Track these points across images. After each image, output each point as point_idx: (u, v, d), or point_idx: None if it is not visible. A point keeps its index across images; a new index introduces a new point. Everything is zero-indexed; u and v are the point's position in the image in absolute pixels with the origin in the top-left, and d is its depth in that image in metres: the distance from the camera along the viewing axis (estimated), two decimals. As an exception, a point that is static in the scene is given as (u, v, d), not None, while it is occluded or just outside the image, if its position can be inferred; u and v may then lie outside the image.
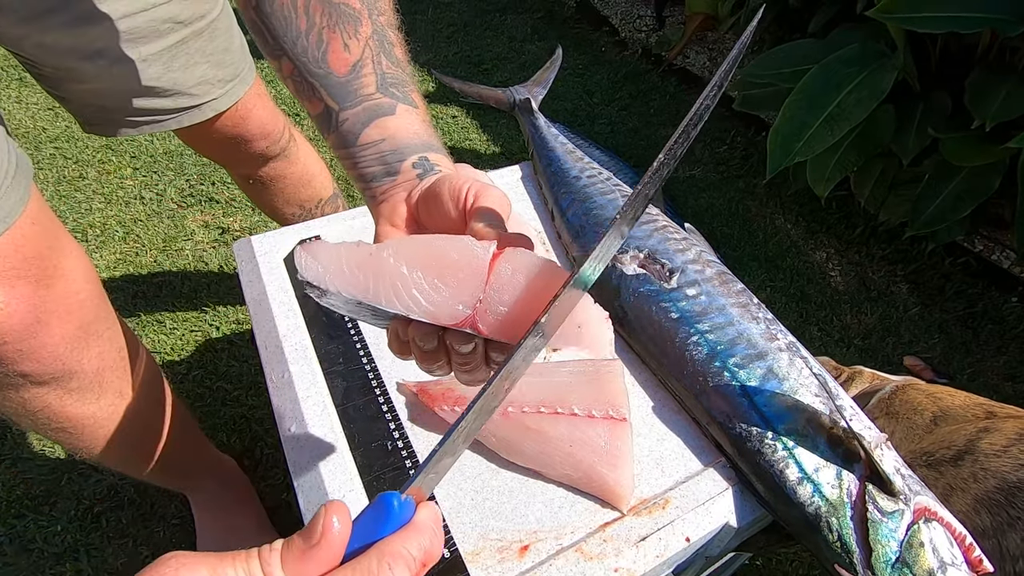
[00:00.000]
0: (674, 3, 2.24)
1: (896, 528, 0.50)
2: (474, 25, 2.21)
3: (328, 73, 0.41)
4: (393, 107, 0.41)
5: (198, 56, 0.73)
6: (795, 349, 0.61)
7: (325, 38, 0.41)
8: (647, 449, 0.59)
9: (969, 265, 1.35)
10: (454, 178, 0.36)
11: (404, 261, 0.32)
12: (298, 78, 0.42)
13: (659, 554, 0.52)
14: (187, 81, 0.73)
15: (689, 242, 0.71)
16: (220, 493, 0.93)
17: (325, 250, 0.33)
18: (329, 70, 0.41)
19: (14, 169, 0.52)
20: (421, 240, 0.33)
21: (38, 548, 0.94)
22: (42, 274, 0.55)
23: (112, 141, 1.67)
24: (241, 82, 0.81)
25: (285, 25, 0.41)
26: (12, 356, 0.55)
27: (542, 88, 1.18)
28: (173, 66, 0.71)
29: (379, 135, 0.40)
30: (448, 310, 0.32)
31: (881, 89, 1.22)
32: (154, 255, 1.39)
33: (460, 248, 0.32)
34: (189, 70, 0.73)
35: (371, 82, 0.41)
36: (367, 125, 0.41)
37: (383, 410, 0.61)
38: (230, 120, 0.83)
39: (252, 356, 1.18)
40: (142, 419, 0.73)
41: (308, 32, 0.41)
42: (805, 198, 1.51)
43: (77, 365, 0.61)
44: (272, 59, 0.43)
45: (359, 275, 0.32)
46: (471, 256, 0.32)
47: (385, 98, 0.41)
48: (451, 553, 0.51)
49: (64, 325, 0.58)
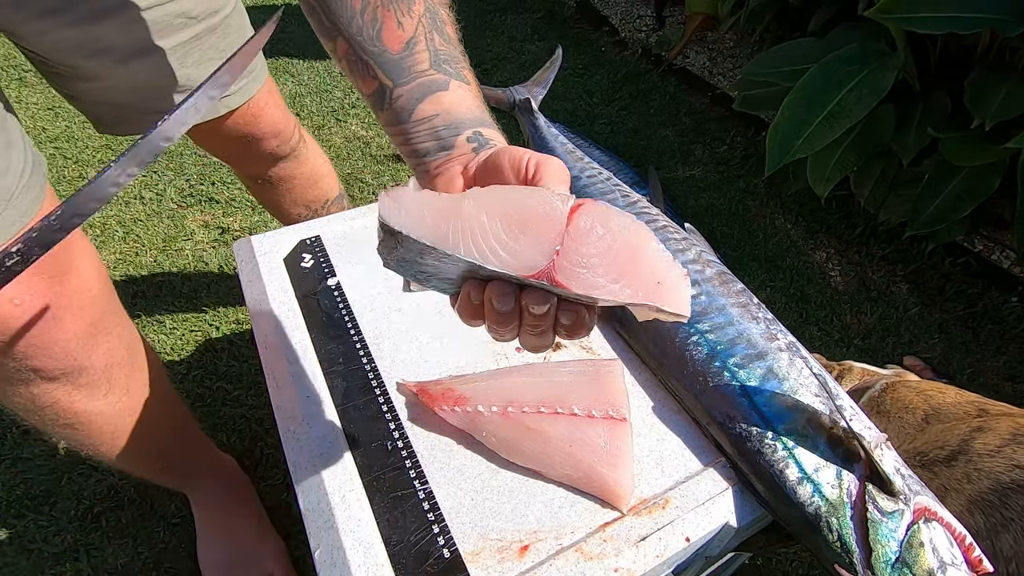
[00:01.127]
0: (674, 3, 2.24)
1: (896, 528, 0.50)
2: (474, 25, 2.21)
3: (383, 51, 0.41)
4: (447, 83, 0.42)
5: (211, 52, 0.73)
6: (795, 349, 0.61)
7: (379, 16, 0.41)
8: (647, 449, 0.59)
9: (969, 265, 1.35)
10: (514, 150, 0.37)
11: (484, 209, 0.32)
12: (353, 57, 0.42)
13: (659, 554, 0.52)
14: (200, 77, 0.73)
15: (689, 242, 0.71)
16: (220, 493, 0.93)
17: (408, 196, 0.32)
18: (384, 47, 0.41)
19: (30, 168, 0.53)
20: (500, 190, 0.33)
21: (38, 548, 0.94)
22: (56, 270, 0.56)
23: (112, 141, 1.67)
24: (254, 80, 0.81)
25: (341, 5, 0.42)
26: (25, 351, 0.55)
27: (542, 88, 1.18)
28: (186, 62, 0.71)
29: (433, 110, 0.41)
30: (526, 260, 0.32)
31: (881, 88, 1.22)
32: (154, 255, 1.39)
33: (539, 199, 0.32)
34: (203, 66, 0.72)
35: (425, 59, 0.42)
36: (421, 100, 0.41)
37: (383, 410, 0.61)
38: (242, 118, 0.83)
39: (252, 356, 1.18)
40: (146, 416, 0.73)
41: (363, 11, 0.41)
42: (805, 198, 1.51)
43: (87, 361, 0.62)
44: (327, 40, 0.44)
45: (440, 222, 0.32)
46: (550, 207, 0.32)
47: (439, 74, 0.42)
48: (451, 553, 0.51)
49: (76, 321, 0.59)
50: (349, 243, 0.78)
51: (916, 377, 0.82)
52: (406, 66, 0.41)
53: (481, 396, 0.58)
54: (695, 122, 1.77)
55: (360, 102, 1.85)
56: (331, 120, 1.80)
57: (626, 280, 0.32)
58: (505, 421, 0.56)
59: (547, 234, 0.32)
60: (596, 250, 0.32)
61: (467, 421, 0.58)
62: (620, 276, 0.32)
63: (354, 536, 0.52)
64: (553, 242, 0.32)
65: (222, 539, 0.91)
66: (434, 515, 0.53)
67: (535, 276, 0.32)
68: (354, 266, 0.75)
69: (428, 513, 0.54)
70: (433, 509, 0.54)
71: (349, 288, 0.73)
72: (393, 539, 0.52)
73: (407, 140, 0.41)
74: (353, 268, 0.75)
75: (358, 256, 0.77)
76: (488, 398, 0.58)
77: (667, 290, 0.33)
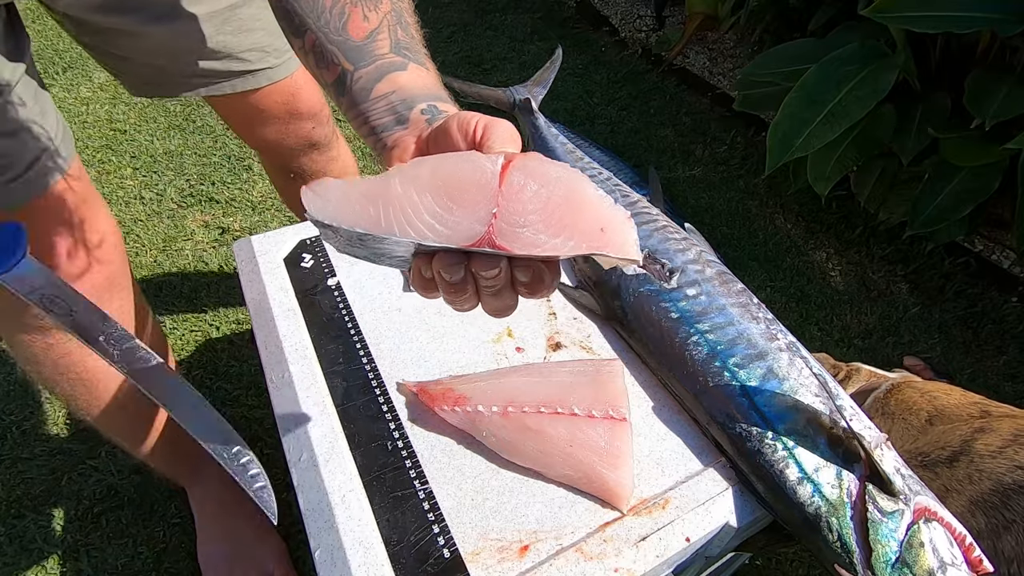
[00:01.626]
0: (674, 3, 2.24)
1: (896, 528, 0.50)
2: (474, 25, 2.21)
3: (346, 39, 0.43)
4: (405, 64, 0.43)
5: (251, 23, 0.74)
6: (795, 349, 0.61)
7: (347, 11, 0.44)
8: (647, 449, 0.59)
9: (969, 265, 1.35)
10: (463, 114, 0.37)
11: (412, 186, 0.31)
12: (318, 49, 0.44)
13: (659, 554, 0.52)
14: (239, 46, 0.74)
15: (689, 242, 0.71)
16: (221, 490, 0.93)
17: (331, 186, 0.32)
18: (348, 36, 0.43)
19: (62, 132, 0.61)
20: (427, 161, 0.32)
21: (38, 548, 0.94)
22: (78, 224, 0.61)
23: (112, 141, 1.67)
24: (294, 57, 0.82)
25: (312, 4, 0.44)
26: None
27: (542, 88, 1.18)
28: (225, 29, 0.72)
29: (390, 88, 0.42)
30: (464, 230, 0.31)
31: (882, 88, 1.22)
32: (154, 255, 1.39)
33: (467, 164, 0.31)
34: (242, 35, 0.74)
35: (385, 45, 0.44)
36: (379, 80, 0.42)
37: (383, 410, 0.61)
38: (280, 95, 0.83)
39: (252, 356, 1.18)
40: None
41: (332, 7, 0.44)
42: (805, 198, 1.51)
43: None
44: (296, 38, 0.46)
45: (368, 207, 0.31)
46: (479, 170, 0.31)
47: (398, 57, 0.43)
48: (451, 553, 0.51)
49: (95, 273, 0.63)
50: (349, 243, 0.78)
51: (921, 381, 0.82)
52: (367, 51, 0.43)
53: (481, 396, 0.58)
54: (695, 122, 1.77)
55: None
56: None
57: (567, 232, 0.31)
58: (505, 421, 0.56)
59: (480, 199, 0.31)
60: (533, 206, 0.31)
61: (467, 421, 0.58)
62: (561, 229, 0.31)
63: (354, 536, 0.52)
64: (488, 206, 0.30)
65: (222, 539, 0.91)
66: (434, 515, 0.53)
67: (476, 244, 0.31)
68: (354, 266, 0.75)
69: (428, 513, 0.54)
70: (433, 509, 0.54)
71: (349, 288, 0.73)
72: (393, 539, 0.52)
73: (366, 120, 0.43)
74: (353, 268, 0.75)
75: (358, 256, 0.77)
76: (488, 398, 0.58)
77: (612, 235, 0.31)
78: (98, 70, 1.93)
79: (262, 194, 1.53)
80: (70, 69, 1.95)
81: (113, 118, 1.76)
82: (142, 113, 1.79)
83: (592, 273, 0.72)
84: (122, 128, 1.73)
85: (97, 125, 1.73)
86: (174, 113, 1.78)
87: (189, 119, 1.76)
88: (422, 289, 0.36)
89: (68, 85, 1.87)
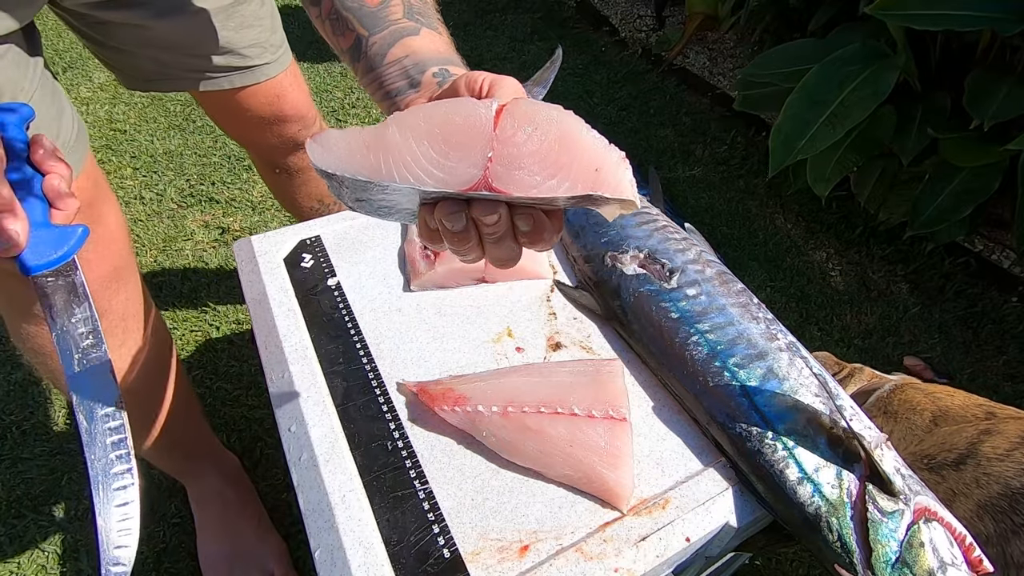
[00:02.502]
0: (674, 3, 2.24)
1: (896, 528, 0.50)
2: (474, 25, 2.21)
3: (361, 5, 0.45)
4: (417, 29, 0.44)
5: (251, 19, 0.75)
6: (795, 349, 0.61)
7: None
8: (647, 449, 0.59)
9: (969, 265, 1.35)
10: (471, 74, 0.38)
11: (410, 133, 0.32)
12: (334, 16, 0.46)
13: (659, 554, 0.52)
14: (240, 41, 0.75)
15: (689, 242, 0.71)
16: (221, 488, 0.93)
17: (334, 137, 0.32)
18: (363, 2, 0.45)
19: (76, 133, 0.61)
20: (423, 109, 0.32)
21: (38, 548, 0.94)
22: (90, 215, 0.61)
23: (112, 141, 1.67)
24: (287, 52, 0.83)
25: None
26: None
27: (542, 88, 1.18)
28: (228, 25, 0.73)
29: (403, 52, 0.43)
30: (460, 174, 0.31)
31: (883, 88, 1.22)
32: (154, 255, 1.39)
33: (462, 109, 0.32)
34: (242, 31, 0.75)
35: (399, 11, 0.45)
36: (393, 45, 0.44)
37: (383, 410, 0.61)
38: (265, 97, 0.84)
39: (252, 356, 1.18)
40: (152, 377, 0.76)
41: None
42: (805, 198, 1.51)
43: (107, 305, 0.66)
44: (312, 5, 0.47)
45: (368, 155, 0.32)
46: (474, 115, 0.31)
47: (411, 22, 0.45)
48: (451, 553, 0.51)
49: (102, 264, 0.64)
50: (349, 243, 0.78)
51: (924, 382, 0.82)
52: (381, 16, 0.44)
53: (481, 396, 0.58)
54: (695, 122, 1.77)
55: (360, 102, 1.86)
56: (331, 120, 1.80)
57: (563, 173, 0.31)
58: (505, 421, 0.56)
59: (476, 143, 0.31)
60: (528, 149, 0.31)
61: (467, 421, 0.58)
62: (556, 170, 0.31)
63: (354, 536, 0.52)
64: (483, 150, 0.31)
65: (222, 538, 0.91)
66: (434, 515, 0.53)
67: (474, 188, 0.31)
68: (354, 266, 0.75)
69: (428, 513, 0.54)
70: (433, 509, 0.54)
71: (349, 288, 0.73)
72: (393, 539, 0.52)
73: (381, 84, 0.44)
74: (353, 268, 0.75)
75: (358, 256, 0.77)
76: (488, 398, 0.58)
77: (606, 175, 0.32)
78: (98, 70, 1.93)
79: (262, 194, 1.53)
80: (70, 69, 1.95)
81: (113, 118, 1.77)
82: (142, 113, 1.79)
83: (592, 273, 0.72)
84: (122, 128, 1.73)
85: (97, 125, 1.73)
86: (174, 113, 1.78)
87: (189, 119, 1.76)
88: (428, 240, 0.37)
89: (68, 85, 1.87)
